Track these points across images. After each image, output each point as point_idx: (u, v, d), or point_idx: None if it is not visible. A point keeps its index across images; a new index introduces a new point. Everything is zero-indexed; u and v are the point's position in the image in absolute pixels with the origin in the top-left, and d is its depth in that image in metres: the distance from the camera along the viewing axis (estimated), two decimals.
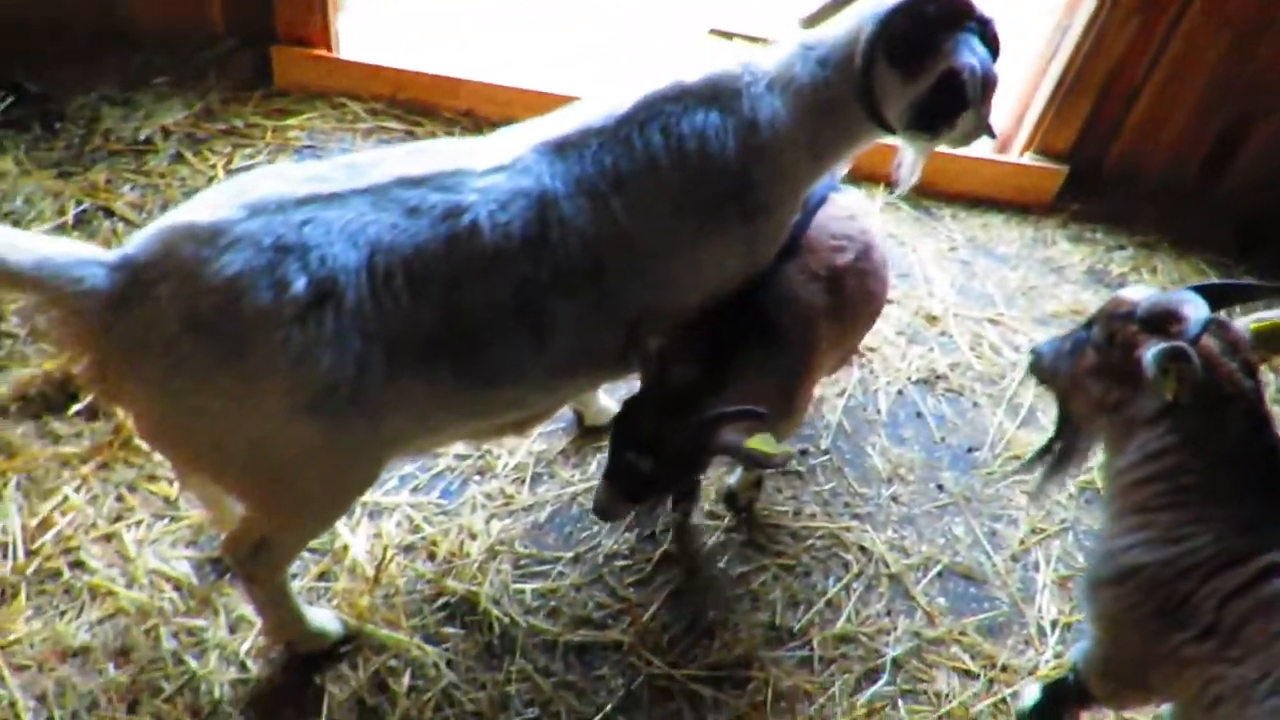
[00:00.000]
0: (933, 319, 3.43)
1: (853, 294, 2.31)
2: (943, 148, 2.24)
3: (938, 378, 3.23)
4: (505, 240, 1.80)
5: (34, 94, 3.71)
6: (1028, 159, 3.99)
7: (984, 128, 2.06)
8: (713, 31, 5.13)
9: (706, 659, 2.41)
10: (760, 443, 1.90)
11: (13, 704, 2.12)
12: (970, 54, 1.87)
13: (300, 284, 1.65)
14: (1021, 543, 2.79)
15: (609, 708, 2.29)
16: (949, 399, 3.18)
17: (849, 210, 2.40)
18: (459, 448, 2.76)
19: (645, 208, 1.93)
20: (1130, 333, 1.83)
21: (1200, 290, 1.79)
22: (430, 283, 1.75)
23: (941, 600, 2.63)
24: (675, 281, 2.04)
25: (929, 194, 3.92)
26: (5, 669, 2.17)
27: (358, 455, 1.88)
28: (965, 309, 3.49)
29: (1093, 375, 1.93)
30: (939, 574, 2.68)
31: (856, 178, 3.94)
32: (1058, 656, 2.51)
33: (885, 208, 3.85)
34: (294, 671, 2.26)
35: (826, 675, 2.42)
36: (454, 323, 1.78)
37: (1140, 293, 1.88)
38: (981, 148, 4.13)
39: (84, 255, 1.66)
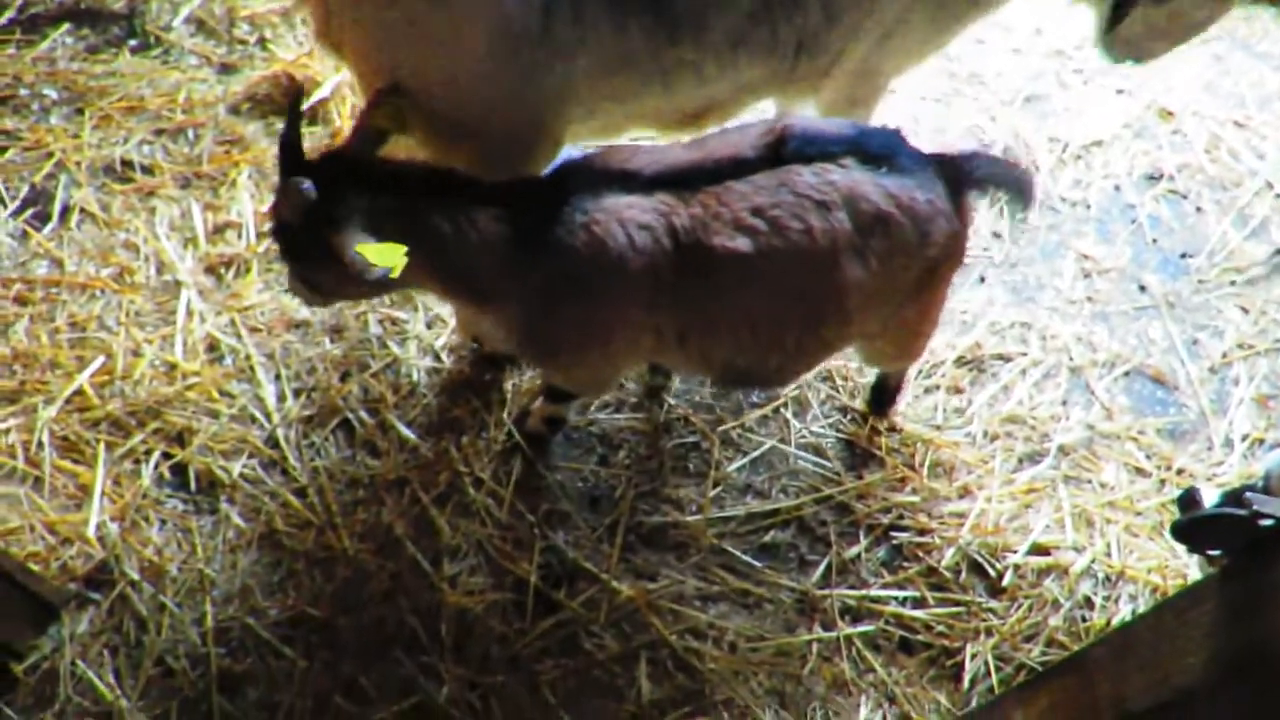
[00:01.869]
0: (1167, 114, 3.09)
1: (710, 291, 1.69)
2: None
3: (1161, 177, 2.95)
4: None
5: None
6: None
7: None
8: None
9: (866, 421, 2.43)
10: (371, 250, 1.54)
11: (248, 357, 2.41)
12: None
13: None
14: (1224, 355, 2.61)
15: (765, 448, 2.38)
16: (1169, 201, 2.92)
17: (836, 193, 1.64)
18: None
19: None
20: None
21: None
22: None
23: (1123, 399, 2.52)
24: None
25: None
26: (242, 329, 2.46)
27: (544, 106, 1.87)
28: (1207, 108, 3.12)
29: None
30: (1125, 373, 2.56)
31: None
32: (1242, 470, 2.40)
33: None
34: (479, 368, 2.45)
35: (988, 450, 2.41)
36: None
37: None
38: None
39: None
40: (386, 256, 1.56)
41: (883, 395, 2.40)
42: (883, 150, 1.70)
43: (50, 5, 3.12)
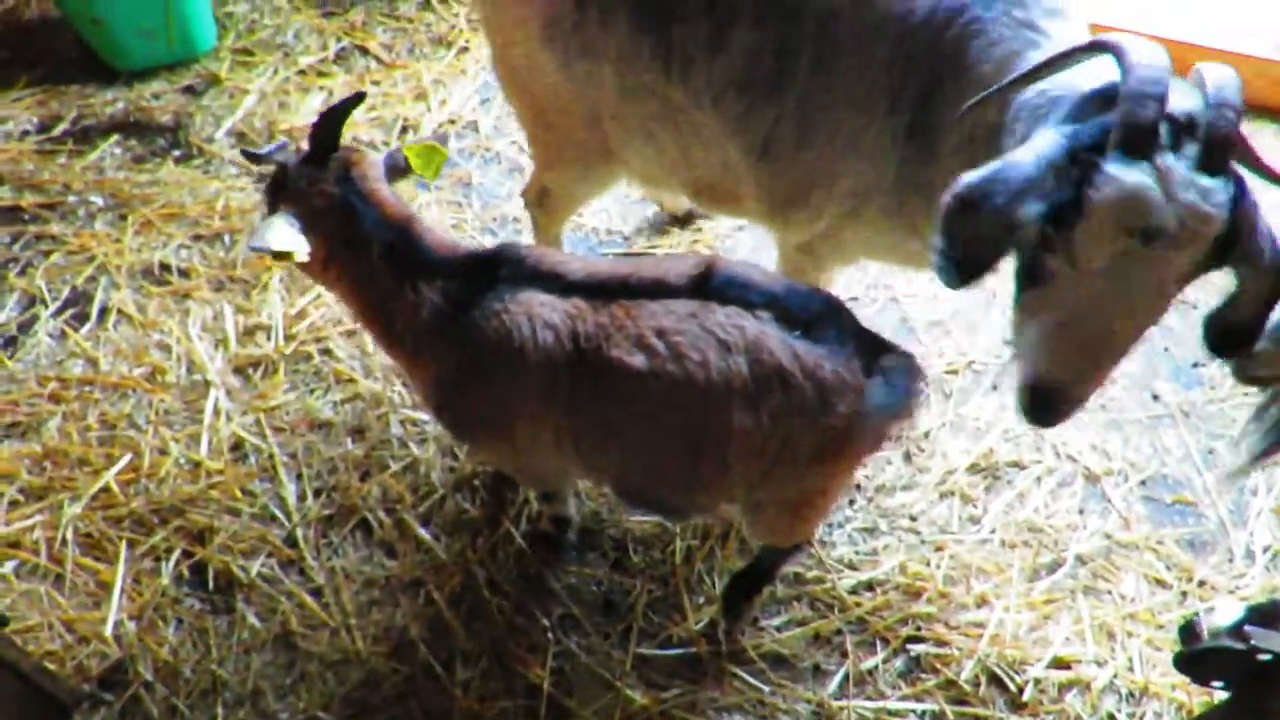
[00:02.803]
0: None
1: (602, 400, 1.72)
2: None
3: None
4: None
5: None
6: None
7: None
8: None
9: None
10: (282, 232, 1.63)
11: (271, 456, 2.46)
12: None
13: None
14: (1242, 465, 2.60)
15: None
16: (1179, 310, 2.96)
17: (741, 338, 1.65)
18: None
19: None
20: None
21: None
22: None
23: (1140, 508, 2.51)
24: (824, 115, 1.90)
25: None
26: (266, 428, 2.51)
27: (588, 104, 2.14)
28: None
29: None
30: (1141, 482, 2.56)
31: None
32: (1265, 583, 2.36)
33: None
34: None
35: (1005, 558, 2.39)
36: None
37: None
38: (1251, 44, 3.69)
39: None
40: (288, 245, 1.63)
41: (746, 582, 2.22)
42: (802, 313, 1.69)
43: (102, 118, 3.31)
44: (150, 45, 3.36)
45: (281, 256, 1.64)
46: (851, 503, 2.48)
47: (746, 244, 3.03)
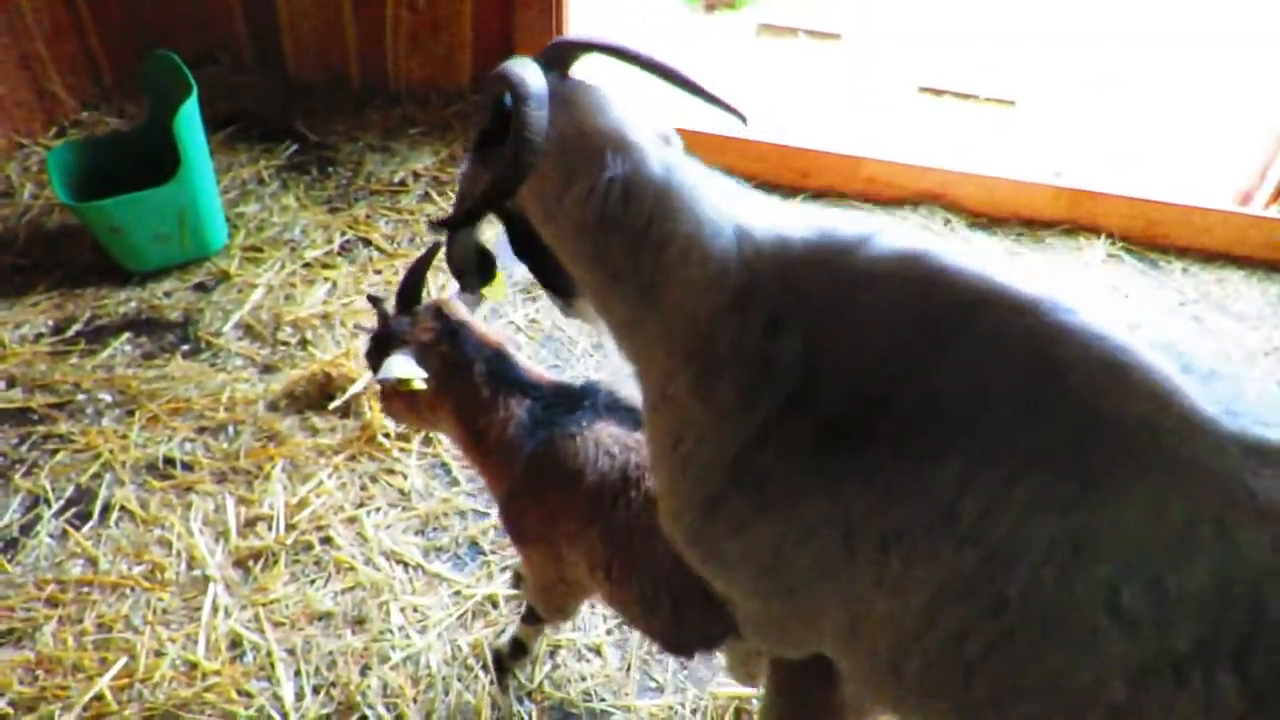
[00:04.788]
0: None
1: (632, 518, 1.84)
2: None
3: None
4: None
5: (313, 143, 4.31)
6: (1274, 212, 3.71)
7: None
8: (923, 89, 5.17)
9: None
10: (402, 367, 1.90)
11: (269, 653, 2.41)
12: None
13: None
14: None
15: None
16: None
17: None
18: None
19: None
20: None
21: None
22: None
23: None
24: None
25: (1157, 246, 3.73)
26: (265, 623, 2.47)
27: None
28: None
29: None
30: None
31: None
32: None
33: (1107, 259, 3.69)
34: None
35: None
36: None
37: None
38: (1220, 200, 3.89)
39: None
40: (409, 373, 1.89)
41: None
42: None
43: (115, 317, 3.43)
44: (165, 248, 3.54)
45: (403, 385, 1.90)
46: None
47: None
